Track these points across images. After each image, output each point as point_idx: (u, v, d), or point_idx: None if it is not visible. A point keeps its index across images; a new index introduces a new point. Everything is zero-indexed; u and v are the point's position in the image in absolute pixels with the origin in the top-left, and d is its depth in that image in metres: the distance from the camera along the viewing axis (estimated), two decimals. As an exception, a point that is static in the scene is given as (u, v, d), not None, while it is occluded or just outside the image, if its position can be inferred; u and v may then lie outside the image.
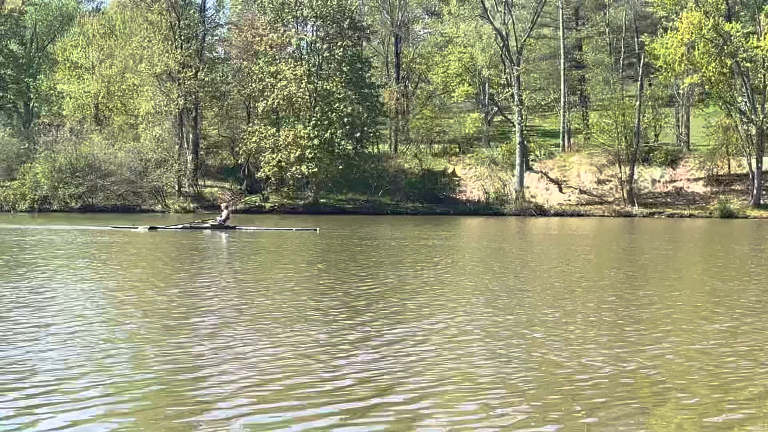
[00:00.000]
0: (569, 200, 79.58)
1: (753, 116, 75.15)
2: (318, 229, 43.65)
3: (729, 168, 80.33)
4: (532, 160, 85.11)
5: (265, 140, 76.74)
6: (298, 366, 9.93)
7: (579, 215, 74.58)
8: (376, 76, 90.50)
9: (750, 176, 76.26)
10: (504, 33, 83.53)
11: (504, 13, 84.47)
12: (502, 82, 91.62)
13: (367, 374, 9.53)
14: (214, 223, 42.44)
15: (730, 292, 17.86)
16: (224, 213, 43.32)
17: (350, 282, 18.98)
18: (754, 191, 74.78)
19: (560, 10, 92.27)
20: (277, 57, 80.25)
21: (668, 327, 13.01)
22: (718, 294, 17.74)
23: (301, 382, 9.17)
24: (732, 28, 74.96)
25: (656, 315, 14.36)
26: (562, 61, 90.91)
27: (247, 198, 78.28)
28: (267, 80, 77.60)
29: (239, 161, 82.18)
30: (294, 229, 44.78)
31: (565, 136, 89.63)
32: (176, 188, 78.75)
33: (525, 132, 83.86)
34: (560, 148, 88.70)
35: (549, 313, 14.34)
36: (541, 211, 76.09)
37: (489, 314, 14.04)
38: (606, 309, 14.91)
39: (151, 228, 41.42)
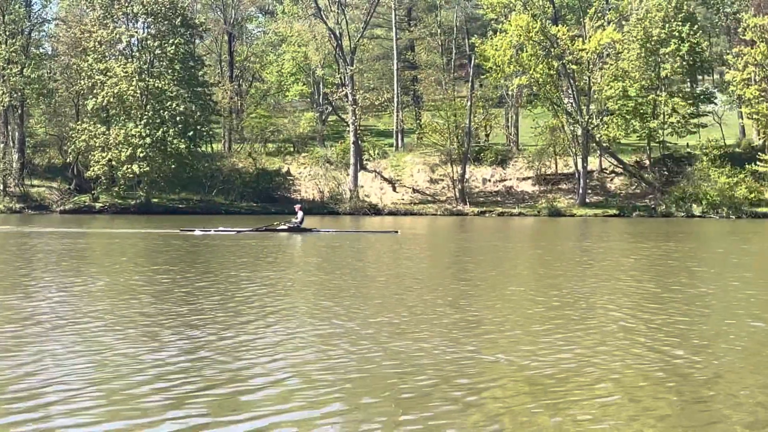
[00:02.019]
0: (403, 199, 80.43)
1: (579, 117, 77.48)
2: (399, 231, 43.09)
3: (556, 167, 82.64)
4: (366, 160, 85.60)
5: (94, 139, 74.84)
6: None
7: (413, 214, 75.41)
8: (209, 75, 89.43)
9: (576, 176, 78.56)
10: (337, 33, 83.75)
11: (337, 12, 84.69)
12: (336, 81, 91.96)
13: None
14: (291, 225, 41.43)
15: (553, 287, 18.33)
16: (299, 215, 42.32)
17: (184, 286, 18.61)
18: (580, 190, 77.10)
19: (393, 11, 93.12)
20: (107, 54, 78.41)
21: (492, 325, 13.22)
22: (543, 289, 18.17)
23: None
24: (559, 31, 77.10)
25: (484, 312, 14.60)
26: (395, 61, 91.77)
27: (76, 198, 76.15)
28: (96, 77, 75.69)
29: (68, 160, 79.78)
30: (375, 231, 45.20)
31: (399, 136, 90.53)
32: (1, 188, 76.06)
33: (359, 131, 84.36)
34: (394, 148, 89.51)
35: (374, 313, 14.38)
36: (375, 210, 76.62)
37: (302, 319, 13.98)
38: (434, 305, 15.08)
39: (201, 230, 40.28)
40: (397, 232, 42.57)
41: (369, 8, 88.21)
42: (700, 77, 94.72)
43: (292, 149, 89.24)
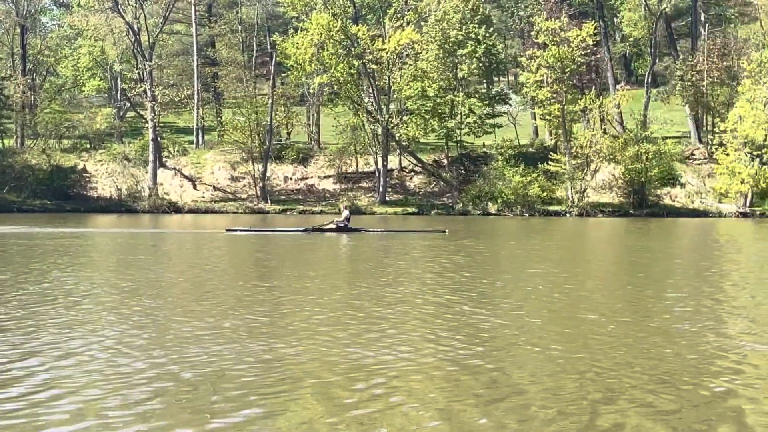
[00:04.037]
0: (203, 197, 79.46)
1: (379, 116, 78.46)
2: (447, 230, 41.59)
3: (357, 166, 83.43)
4: (165, 157, 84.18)
5: None
6: None
7: (213, 212, 74.58)
8: (1, 68, 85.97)
9: (376, 174, 79.52)
10: (136, 27, 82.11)
11: (135, 7, 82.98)
12: (135, 77, 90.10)
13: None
14: (339, 225, 39.91)
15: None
16: (345, 213, 41.09)
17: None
18: (380, 189, 78.06)
19: (193, 7, 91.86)
20: None
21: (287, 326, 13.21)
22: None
23: None
24: (359, 30, 77.85)
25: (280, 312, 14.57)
26: (195, 57, 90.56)
27: None
28: None
29: None
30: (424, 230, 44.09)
31: (199, 133, 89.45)
32: None
33: (158, 128, 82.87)
34: (194, 145, 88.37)
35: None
36: (175, 209, 75.42)
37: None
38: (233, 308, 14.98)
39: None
40: (445, 231, 41.51)
41: (168, 3, 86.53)
42: (495, 78, 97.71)
43: (88, 146, 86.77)
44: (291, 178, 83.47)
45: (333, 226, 39.95)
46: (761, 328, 12.63)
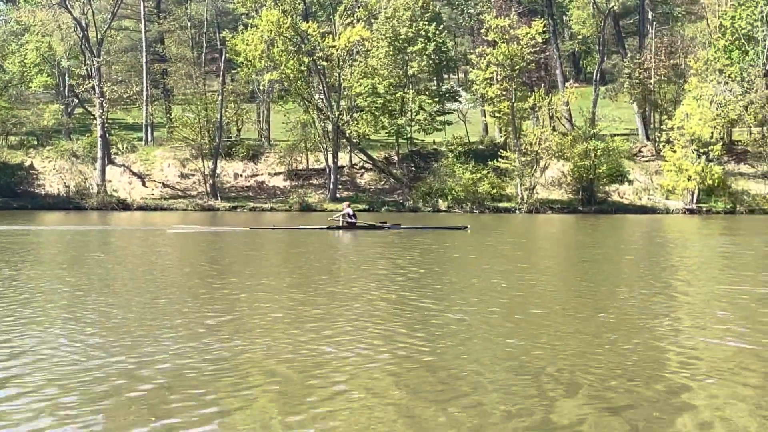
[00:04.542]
0: (153, 194, 78.95)
1: (329, 113, 78.41)
2: (469, 227, 41.37)
3: (307, 163, 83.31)
4: (114, 154, 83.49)
5: None
6: None
7: (163, 209, 74.11)
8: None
9: (327, 171, 79.47)
10: (84, 23, 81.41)
11: (83, 2, 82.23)
12: (83, 73, 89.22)
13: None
14: (350, 222, 39.99)
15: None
16: (347, 210, 40.93)
17: None
18: (331, 186, 78.03)
19: (142, 2, 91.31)
20: None
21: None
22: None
23: None
24: (309, 27, 77.76)
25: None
26: (144, 53, 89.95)
27: None
28: None
29: None
30: (444, 227, 43.67)
31: (149, 130, 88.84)
32: None
33: (107, 125, 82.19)
34: (143, 142, 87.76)
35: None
36: (124, 206, 74.87)
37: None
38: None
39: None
40: (467, 228, 41.32)
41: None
42: (445, 76, 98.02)
43: (36, 142, 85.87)
44: (241, 175, 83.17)
45: (343, 221, 40.49)
46: (711, 323, 12.81)
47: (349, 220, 40.47)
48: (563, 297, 16.45)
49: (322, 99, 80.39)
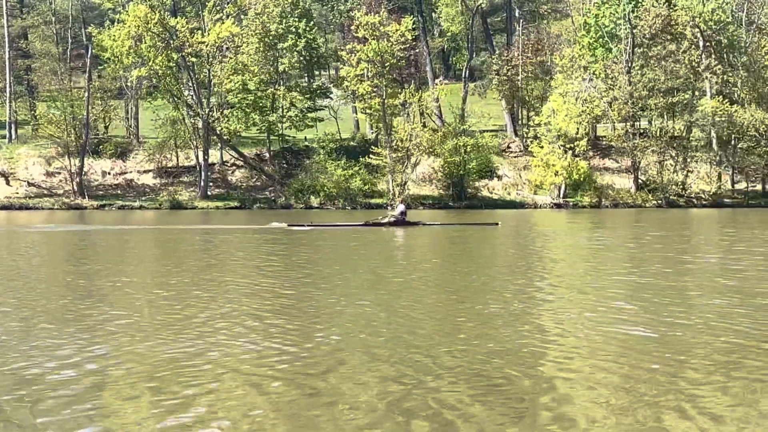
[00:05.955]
0: (17, 193, 76.92)
1: (199, 110, 77.62)
2: (499, 224, 41.89)
3: (177, 160, 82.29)
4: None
5: None
6: None
7: (28, 208, 72.24)
8: None
9: (197, 168, 78.67)
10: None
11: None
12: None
13: None
14: (397, 219, 38.84)
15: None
16: (400, 207, 39.76)
17: None
18: (202, 183, 77.22)
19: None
20: None
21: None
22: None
23: None
24: (178, 23, 76.84)
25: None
26: (6, 49, 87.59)
27: None
28: None
29: None
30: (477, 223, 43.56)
31: (12, 127, 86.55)
32: None
33: (-32, 122, 79.89)
34: (7, 140, 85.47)
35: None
36: (-14, 205, 72.88)
37: None
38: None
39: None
40: (497, 224, 41.69)
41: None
42: (316, 72, 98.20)
43: None
44: (109, 173, 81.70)
45: (391, 219, 39.53)
46: (586, 315, 13.04)
47: (399, 217, 39.69)
48: (435, 291, 16.57)
49: (192, 95, 79.53)
